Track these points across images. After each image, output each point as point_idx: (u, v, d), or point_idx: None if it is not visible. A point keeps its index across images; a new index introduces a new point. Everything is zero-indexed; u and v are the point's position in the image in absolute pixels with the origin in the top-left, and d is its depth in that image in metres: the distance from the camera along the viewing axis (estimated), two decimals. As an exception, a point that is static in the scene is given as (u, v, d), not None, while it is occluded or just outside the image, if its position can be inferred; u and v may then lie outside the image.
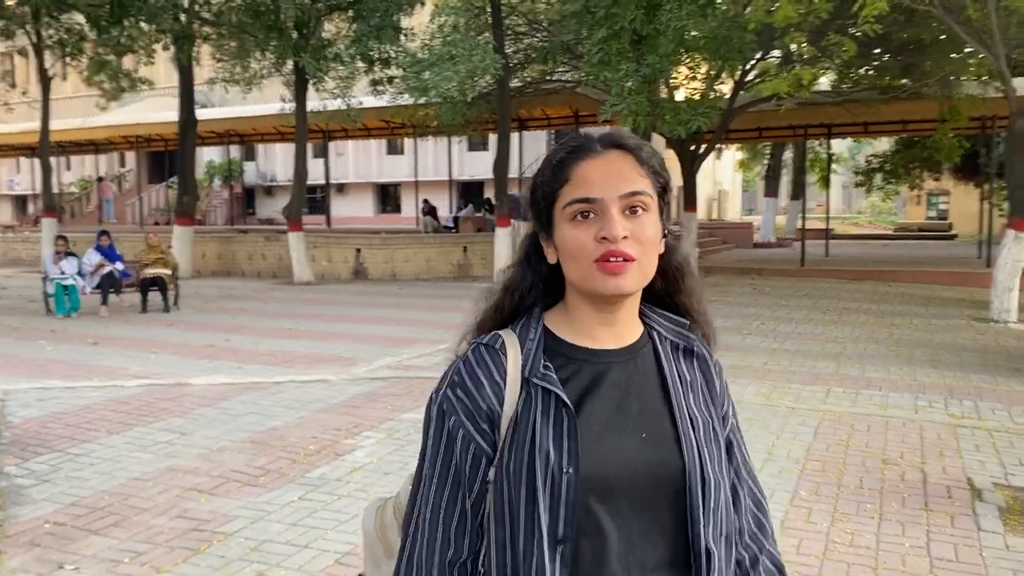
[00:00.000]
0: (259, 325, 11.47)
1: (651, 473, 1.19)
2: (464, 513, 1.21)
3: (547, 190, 1.24)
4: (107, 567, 3.83)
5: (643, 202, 1.20)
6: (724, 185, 38.64)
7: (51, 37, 18.52)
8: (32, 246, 23.20)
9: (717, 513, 1.22)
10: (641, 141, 1.26)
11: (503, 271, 1.33)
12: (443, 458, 1.21)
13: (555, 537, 1.14)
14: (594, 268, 1.18)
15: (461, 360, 1.25)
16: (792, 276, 17.52)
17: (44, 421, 6.29)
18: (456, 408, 1.21)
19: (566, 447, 1.15)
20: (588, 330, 1.25)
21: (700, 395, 1.28)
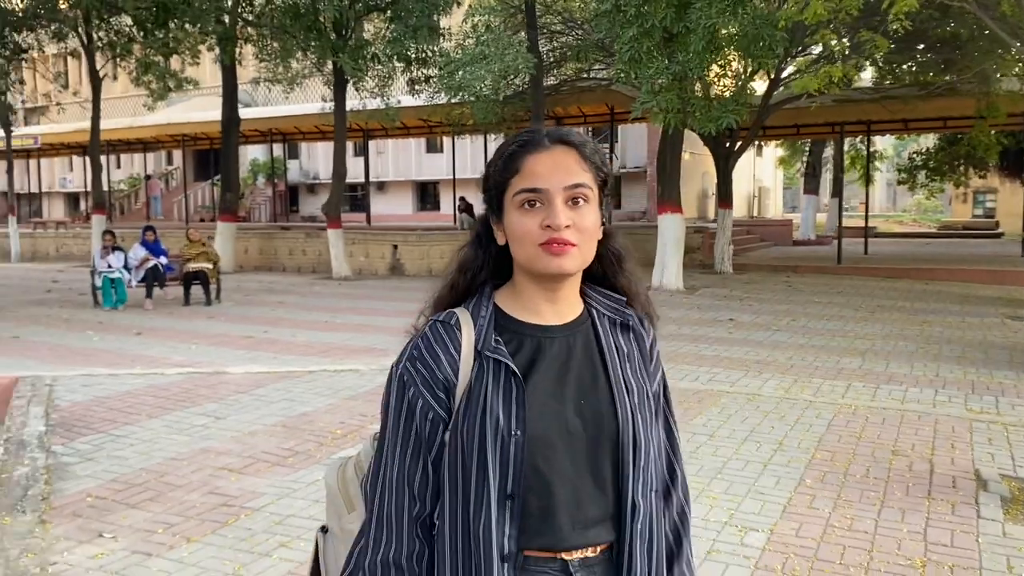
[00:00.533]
0: (297, 318, 11.81)
1: (590, 435, 1.34)
2: (426, 473, 1.34)
3: (498, 179, 1.37)
4: (142, 536, 4.11)
5: (584, 194, 1.34)
6: (765, 182, 38.32)
7: (101, 39, 19.17)
8: (83, 242, 23.95)
9: (647, 470, 1.38)
10: (585, 138, 1.40)
11: (457, 252, 1.48)
12: (404, 424, 1.34)
13: (504, 493, 1.28)
14: (539, 250, 1.32)
15: (419, 336, 1.38)
16: (828, 274, 17.42)
17: (89, 405, 6.64)
18: (415, 379, 1.33)
19: (514, 412, 1.29)
20: (534, 307, 1.39)
21: (635, 365, 1.43)
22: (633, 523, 1.35)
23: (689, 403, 6.72)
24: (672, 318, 11.50)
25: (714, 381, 7.57)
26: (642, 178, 29.36)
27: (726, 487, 4.79)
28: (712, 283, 15.90)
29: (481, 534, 1.29)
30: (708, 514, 4.37)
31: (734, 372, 7.95)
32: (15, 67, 20.07)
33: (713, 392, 7.12)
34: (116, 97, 37.20)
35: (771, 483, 4.85)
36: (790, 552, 3.92)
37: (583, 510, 1.33)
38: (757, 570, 3.73)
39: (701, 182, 30.21)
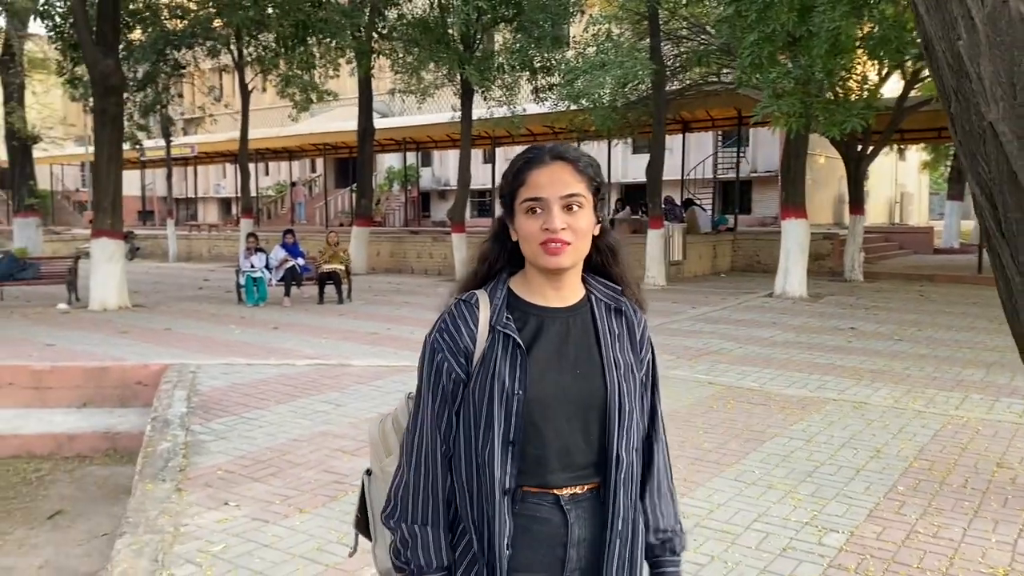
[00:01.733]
0: (419, 317, 12.37)
1: (581, 398, 1.62)
2: (451, 421, 1.64)
3: (509, 189, 1.67)
4: (261, 506, 4.59)
5: (578, 201, 1.61)
6: (908, 187, 36.58)
7: (250, 55, 20.58)
8: (233, 244, 25.68)
9: (629, 431, 1.66)
10: (580, 153, 1.68)
11: (481, 245, 1.79)
12: (434, 382, 1.64)
13: (507, 440, 1.57)
14: (540, 249, 1.60)
15: (446, 312, 1.68)
16: (966, 283, 16.58)
17: (226, 391, 7.31)
18: (442, 346, 1.64)
19: (517, 376, 1.58)
20: (540, 292, 1.67)
21: (624, 345, 1.71)
22: (618, 473, 1.63)
23: (792, 409, 6.72)
24: (791, 325, 11.35)
25: (822, 389, 7.50)
26: (774, 182, 28.64)
27: (813, 490, 4.83)
28: (839, 291, 15.47)
29: (486, 471, 1.58)
30: (790, 514, 4.45)
31: (845, 380, 7.83)
32: (175, 82, 21.81)
33: (819, 399, 7.07)
34: (264, 108, 39.55)
35: (861, 488, 4.86)
36: (867, 554, 3.96)
37: (572, 458, 1.62)
38: (830, 569, 3.81)
39: (837, 187, 29.19)
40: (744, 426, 6.20)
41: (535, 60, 16.44)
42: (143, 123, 21.42)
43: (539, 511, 1.61)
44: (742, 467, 5.24)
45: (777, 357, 9.07)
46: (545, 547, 1.61)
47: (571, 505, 1.62)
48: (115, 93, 12.95)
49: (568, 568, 1.62)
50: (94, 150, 13.30)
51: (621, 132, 18.59)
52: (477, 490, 1.60)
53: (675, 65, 18.84)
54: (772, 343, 9.98)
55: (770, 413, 6.60)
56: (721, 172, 29.29)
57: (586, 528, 1.63)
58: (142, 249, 27.93)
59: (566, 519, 1.61)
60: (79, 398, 7.74)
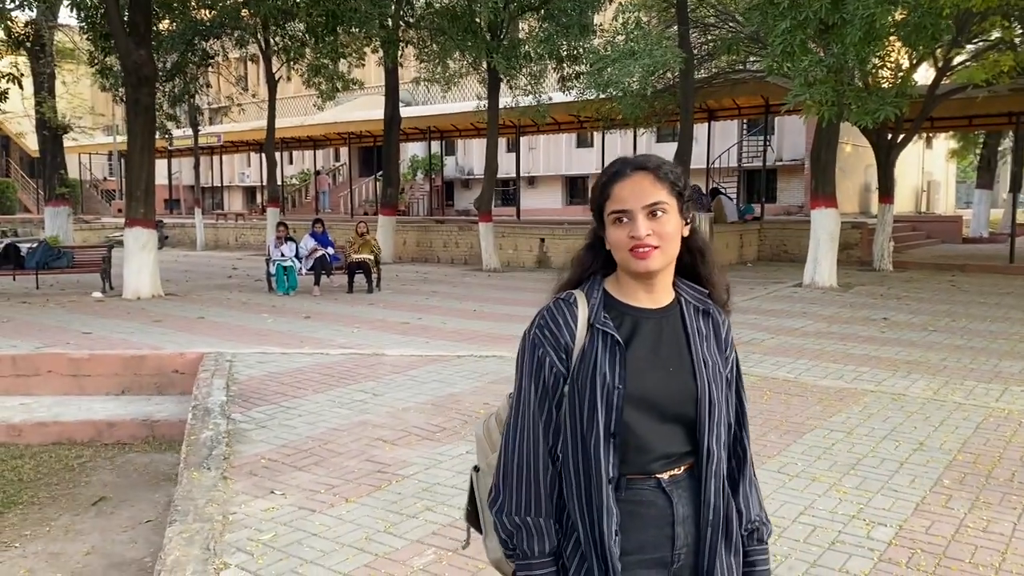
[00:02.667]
0: (448, 306, 12.42)
1: (675, 395, 1.71)
2: (551, 414, 1.71)
3: (598, 203, 1.78)
4: (307, 495, 4.63)
5: (662, 208, 1.70)
6: (935, 176, 36.11)
7: (277, 44, 20.65)
8: (259, 232, 25.85)
9: (719, 426, 1.75)
10: (660, 161, 1.76)
11: (576, 252, 1.87)
12: (535, 378, 1.72)
13: (609, 431, 1.65)
14: (628, 255, 1.69)
15: (545, 309, 1.76)
16: (998, 273, 16.38)
17: (263, 379, 7.38)
18: (543, 342, 1.72)
19: (617, 372, 1.66)
20: (633, 294, 1.76)
21: (711, 345, 1.79)
22: (708, 465, 1.72)
23: (829, 400, 6.68)
24: (822, 315, 11.27)
25: (859, 380, 7.45)
26: (800, 171, 28.43)
27: (858, 483, 4.81)
28: (869, 281, 15.33)
29: (592, 462, 1.66)
30: (836, 507, 4.43)
31: (881, 372, 7.77)
32: (202, 72, 21.93)
33: (856, 391, 7.02)
34: (289, 97, 39.69)
35: (906, 481, 4.83)
36: (917, 548, 3.94)
37: (670, 448, 1.71)
38: (880, 562, 3.79)
39: (864, 176, 28.90)
40: (782, 418, 6.18)
41: (562, 48, 16.37)
42: (172, 113, 21.56)
43: (644, 495, 1.70)
44: (784, 459, 5.22)
45: (810, 347, 9.01)
46: (654, 528, 1.70)
47: (672, 486, 1.71)
48: (147, 84, 13.04)
49: (677, 545, 1.71)
50: (127, 140, 13.43)
51: (647, 121, 18.48)
52: (585, 480, 1.67)
53: (702, 53, 18.70)
54: (804, 333, 9.92)
55: (807, 404, 6.57)
56: (746, 161, 29.09)
57: (689, 506, 1.72)
58: (170, 238, 28.17)
59: (670, 500, 1.70)
60: (117, 386, 7.84)
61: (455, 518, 4.23)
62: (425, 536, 4.07)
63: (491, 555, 1.88)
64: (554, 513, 1.72)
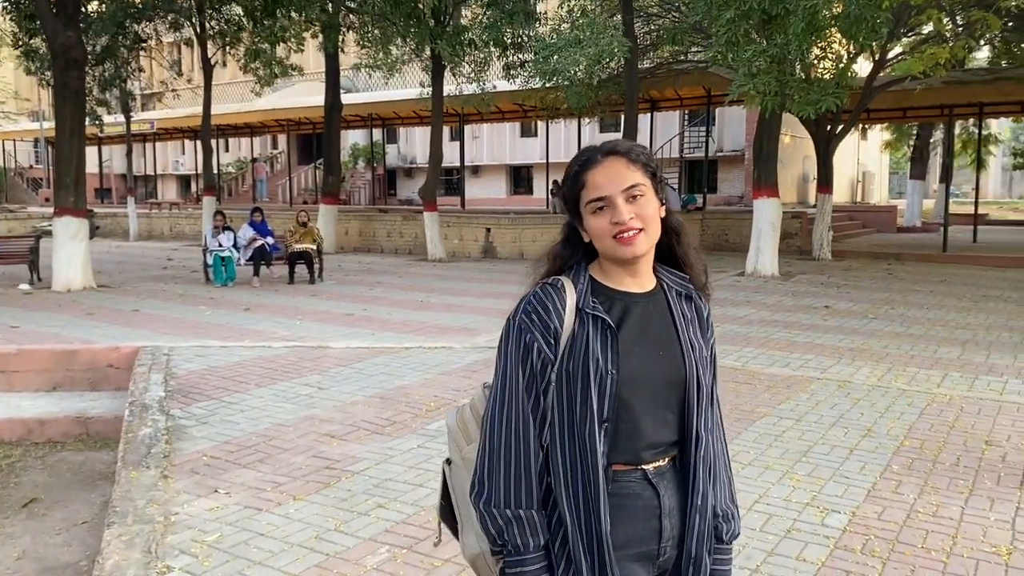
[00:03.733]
0: (394, 297, 12.23)
1: (665, 378, 1.68)
2: (538, 400, 1.66)
3: (572, 195, 1.73)
4: (252, 493, 4.46)
5: (639, 190, 1.67)
6: (869, 167, 36.99)
7: (213, 28, 20.06)
8: (194, 222, 25.19)
9: (707, 410, 1.73)
10: (631, 144, 1.74)
11: (551, 247, 1.80)
12: (521, 362, 1.66)
13: (602, 417, 1.61)
14: (613, 242, 1.66)
15: (532, 293, 1.70)
16: (932, 262, 16.84)
17: (203, 374, 7.13)
18: (531, 326, 1.66)
19: (610, 356, 1.63)
20: (619, 279, 1.72)
21: (695, 328, 1.76)
22: (697, 450, 1.70)
23: (777, 388, 6.74)
24: (766, 304, 11.41)
25: (805, 367, 7.53)
26: (740, 162, 28.83)
27: (810, 470, 4.83)
28: (809, 269, 15.60)
29: (587, 449, 1.61)
30: (790, 495, 4.44)
31: (826, 359, 7.88)
32: (134, 56, 21.20)
33: (803, 379, 7.10)
34: (226, 83, 38.75)
35: (856, 468, 4.87)
36: (871, 534, 3.96)
37: (658, 435, 1.68)
38: (836, 549, 3.80)
39: (802, 166, 29.45)
40: (733, 406, 6.19)
41: (506, 36, 16.24)
42: (103, 98, 20.81)
43: (630, 487, 1.66)
44: (736, 447, 5.22)
45: (755, 336, 9.10)
46: (641, 521, 1.67)
47: (658, 478, 1.68)
48: (77, 67, 12.52)
49: (663, 538, 1.69)
50: (55, 126, 12.88)
51: (592, 111, 18.48)
52: (576, 469, 1.62)
53: (646, 43, 18.75)
54: (749, 322, 10.02)
55: (756, 392, 6.61)
56: (688, 151, 29.39)
57: (674, 497, 1.70)
58: (102, 228, 27.30)
59: (657, 492, 1.68)
60: (48, 382, 7.49)
61: (408, 515, 4.11)
62: (378, 534, 3.94)
63: (467, 552, 1.80)
64: (543, 503, 1.67)
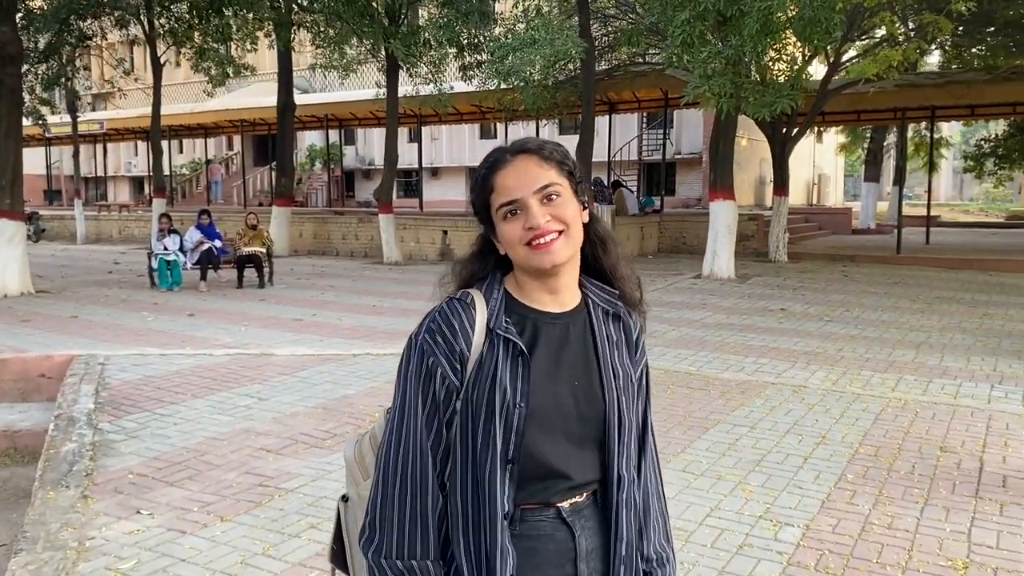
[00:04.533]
0: (346, 302, 11.94)
1: (580, 412, 1.47)
2: (440, 433, 1.44)
3: (482, 201, 1.52)
4: (178, 514, 4.19)
5: (555, 190, 1.47)
6: (824, 169, 37.39)
7: (162, 26, 19.55)
8: (145, 224, 24.57)
9: (629, 447, 1.51)
10: (543, 141, 1.53)
11: (458, 262, 1.59)
12: (422, 389, 1.44)
13: (506, 457, 1.41)
14: (528, 250, 1.45)
15: (437, 311, 1.48)
16: (887, 264, 16.96)
17: (137, 384, 6.81)
18: (434, 349, 1.44)
19: (519, 387, 1.42)
20: (536, 297, 1.52)
21: (622, 352, 1.55)
22: (619, 493, 1.50)
23: (732, 394, 6.61)
24: (721, 307, 11.33)
25: (760, 372, 7.43)
26: (698, 164, 28.91)
27: (764, 480, 4.69)
28: (765, 272, 15.61)
29: (486, 493, 1.41)
30: (743, 507, 4.29)
31: (781, 363, 7.78)
32: (80, 54, 20.59)
33: (758, 383, 6.99)
34: (179, 83, 37.99)
35: (811, 477, 4.74)
36: (825, 549, 3.81)
37: (572, 474, 1.47)
38: (789, 566, 3.65)
39: (758, 169, 29.63)
40: (686, 412, 6.05)
41: (462, 36, 16.02)
42: (46, 97, 20.18)
43: (541, 528, 1.47)
44: (689, 457, 5.07)
45: (711, 339, 9.00)
46: (552, 567, 1.47)
47: (573, 516, 1.48)
48: (13, 63, 12.06)
49: None
50: (-11, 124, 12.36)
51: (550, 112, 18.34)
52: (474, 515, 1.43)
53: (602, 45, 18.66)
54: (704, 325, 9.92)
55: (711, 398, 6.47)
56: (646, 154, 29.43)
57: (594, 537, 1.50)
58: (48, 231, 26.55)
59: (572, 532, 1.48)
60: (-27, 393, 7.13)
61: (342, 536, 3.88)
62: (308, 558, 3.70)
63: None
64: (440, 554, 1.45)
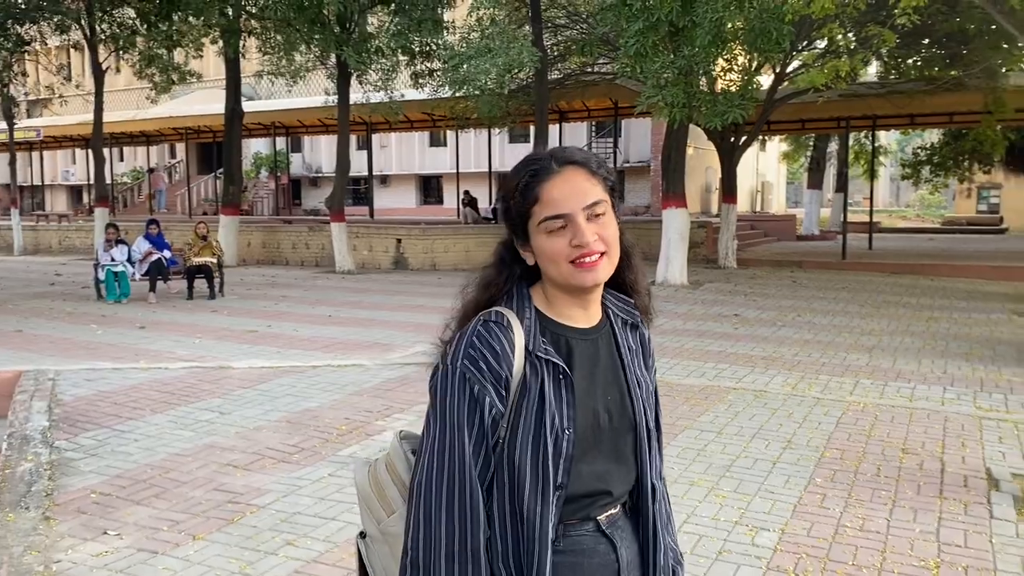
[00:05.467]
0: (300, 312, 11.78)
1: (614, 427, 1.47)
2: (487, 465, 1.39)
3: (520, 210, 1.45)
4: (147, 534, 4.07)
5: (602, 208, 1.44)
6: (768, 177, 38.20)
7: (104, 32, 19.08)
8: (86, 234, 23.92)
9: (656, 456, 1.53)
10: (588, 153, 1.50)
11: (480, 271, 1.53)
12: (469, 419, 1.37)
13: (555, 484, 1.38)
14: (572, 268, 1.42)
15: (473, 333, 1.41)
16: (832, 269, 17.36)
17: (92, 400, 6.61)
18: (478, 376, 1.38)
19: (565, 411, 1.40)
20: (567, 312, 1.48)
21: (641, 361, 1.55)
22: (654, 504, 1.52)
23: (696, 399, 6.68)
24: (677, 313, 11.47)
25: (720, 377, 7.53)
26: (646, 172, 29.28)
27: (735, 486, 4.75)
28: (716, 278, 15.84)
29: (537, 520, 1.37)
30: (718, 513, 4.33)
31: (740, 368, 7.90)
32: (18, 59, 19.99)
33: (720, 388, 7.08)
34: (120, 90, 37.14)
35: (781, 482, 4.81)
36: (802, 552, 3.87)
37: (613, 489, 1.48)
38: (769, 571, 3.69)
39: (705, 177, 30.12)
40: (653, 420, 6.09)
41: (414, 44, 15.97)
42: (-19, 103, 19.53)
43: (583, 542, 1.45)
44: (660, 464, 5.10)
45: (670, 345, 9.09)
46: None
47: (612, 528, 1.49)
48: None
49: None
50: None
51: (502, 121, 18.38)
52: (516, 543, 1.39)
53: (554, 54, 18.78)
54: (662, 331, 10.01)
55: (676, 404, 6.53)
56: (596, 162, 29.66)
57: (631, 548, 1.52)
58: (-19, 241, 25.66)
59: (613, 544, 1.48)
60: (-84, 413, 6.83)
61: (320, 552, 3.81)
62: (288, 575, 3.63)
63: None
64: None
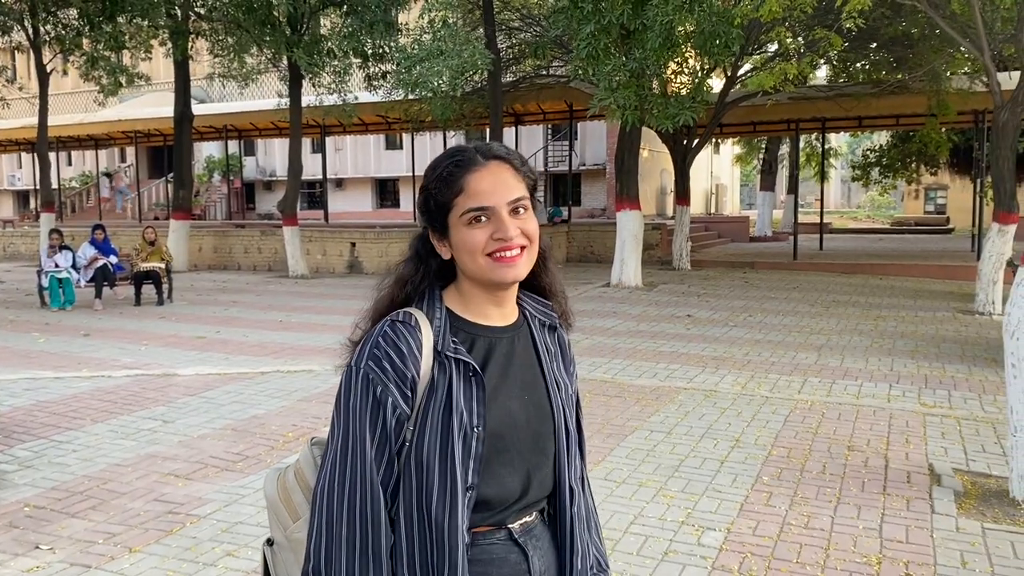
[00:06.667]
0: (251, 317, 11.59)
1: (532, 428, 1.44)
2: (390, 469, 1.35)
3: (441, 200, 1.42)
4: (81, 547, 3.95)
5: (524, 204, 1.42)
6: (722, 179, 38.64)
7: (48, 33, 18.62)
8: (31, 240, 23.33)
9: (575, 459, 1.51)
10: (509, 149, 1.47)
11: (396, 269, 1.50)
12: (371, 422, 1.33)
13: (465, 485, 1.34)
14: (489, 262, 1.39)
15: (380, 334, 1.37)
16: (784, 269, 17.60)
17: (30, 410, 6.42)
18: (382, 377, 1.34)
19: (475, 409, 1.36)
20: (482, 311, 1.45)
21: (559, 364, 1.53)
22: (572, 507, 1.49)
23: (647, 400, 6.70)
24: (631, 314, 11.52)
25: (672, 377, 7.56)
26: (601, 175, 29.42)
27: (683, 485, 4.76)
28: (670, 279, 15.96)
29: (446, 523, 1.33)
30: (665, 513, 4.34)
31: (692, 368, 7.95)
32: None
33: (671, 388, 7.11)
34: (66, 92, 36.35)
35: (728, 481, 4.83)
36: (747, 551, 3.89)
37: (528, 494, 1.43)
38: (714, 570, 3.70)
39: (660, 179, 30.36)
40: (604, 420, 6.10)
41: (367, 46, 15.85)
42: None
43: (493, 551, 1.41)
44: (610, 464, 5.10)
45: (623, 347, 9.12)
46: None
47: (525, 537, 1.44)
48: None
49: None
50: None
51: (457, 123, 18.32)
52: (423, 549, 1.34)
53: (508, 57, 18.78)
54: (616, 333, 10.05)
55: (627, 405, 6.55)
56: (552, 165, 29.76)
57: (546, 556, 1.47)
58: (-79, 248, 24.88)
59: (525, 553, 1.43)
60: None
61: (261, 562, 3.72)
62: (225, 587, 3.54)
63: None
64: None
